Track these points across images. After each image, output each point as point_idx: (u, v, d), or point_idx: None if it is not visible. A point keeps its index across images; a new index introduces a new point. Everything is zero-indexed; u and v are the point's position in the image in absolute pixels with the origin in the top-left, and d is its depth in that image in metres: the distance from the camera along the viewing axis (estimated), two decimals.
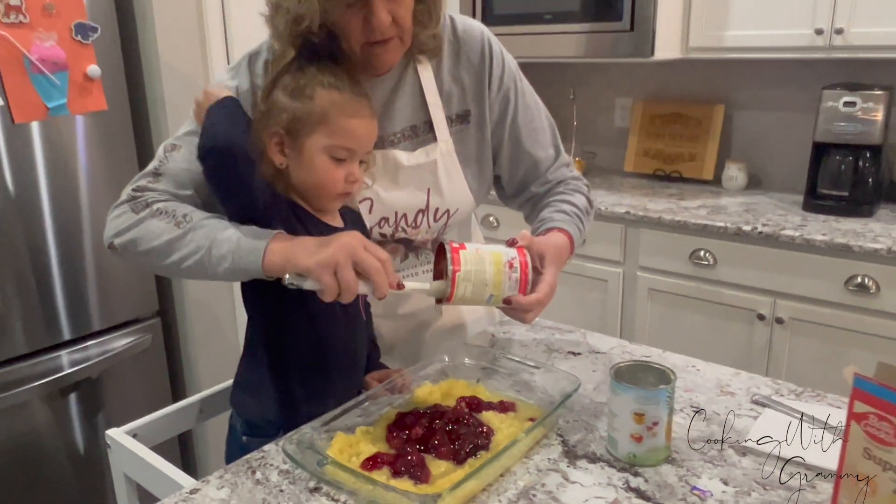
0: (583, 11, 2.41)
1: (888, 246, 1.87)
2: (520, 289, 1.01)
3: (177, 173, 1.03)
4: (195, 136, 1.01)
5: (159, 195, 1.02)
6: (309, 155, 0.98)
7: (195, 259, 0.95)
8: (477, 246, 1.01)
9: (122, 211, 1.02)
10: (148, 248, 0.98)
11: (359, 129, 0.98)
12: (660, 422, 0.91)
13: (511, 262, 1.00)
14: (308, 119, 0.96)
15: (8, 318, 1.82)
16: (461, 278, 0.97)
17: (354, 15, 0.98)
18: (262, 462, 0.95)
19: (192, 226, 0.96)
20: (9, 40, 1.68)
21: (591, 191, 1.30)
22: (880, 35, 2.05)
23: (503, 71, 1.19)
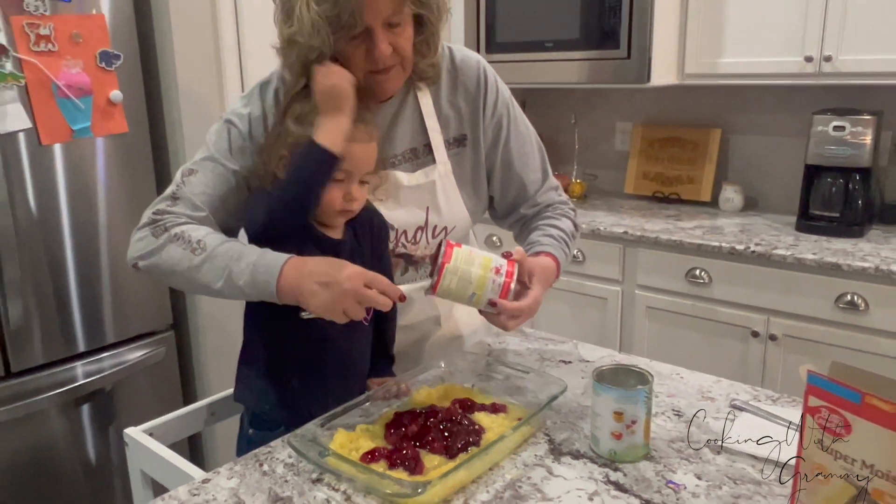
0: (582, 40, 2.51)
1: (876, 265, 1.94)
2: (501, 294, 1.07)
3: (193, 196, 1.12)
4: (210, 162, 1.12)
5: (177, 218, 1.10)
6: None
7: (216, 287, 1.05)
8: (472, 249, 1.09)
9: (143, 234, 1.11)
10: (169, 273, 1.08)
11: (355, 153, 1.06)
12: (638, 420, 0.98)
13: (498, 268, 1.08)
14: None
15: (29, 329, 1.91)
16: (448, 270, 1.05)
17: (358, 46, 1.07)
18: (268, 456, 1.02)
19: (208, 255, 1.05)
20: (39, 67, 1.80)
21: (588, 213, 1.38)
22: (867, 62, 2.13)
23: (497, 98, 1.27)
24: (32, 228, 1.88)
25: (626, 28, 2.39)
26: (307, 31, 1.03)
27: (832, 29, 2.17)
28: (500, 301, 1.07)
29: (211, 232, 1.09)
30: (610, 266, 2.46)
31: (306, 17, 1.03)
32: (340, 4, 1.01)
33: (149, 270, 1.10)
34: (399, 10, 1.06)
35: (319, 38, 1.04)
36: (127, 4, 1.98)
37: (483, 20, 2.74)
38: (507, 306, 1.07)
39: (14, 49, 1.77)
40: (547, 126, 3.14)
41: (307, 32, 1.03)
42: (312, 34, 1.03)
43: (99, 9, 1.91)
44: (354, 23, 1.03)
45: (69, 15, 1.85)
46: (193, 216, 1.11)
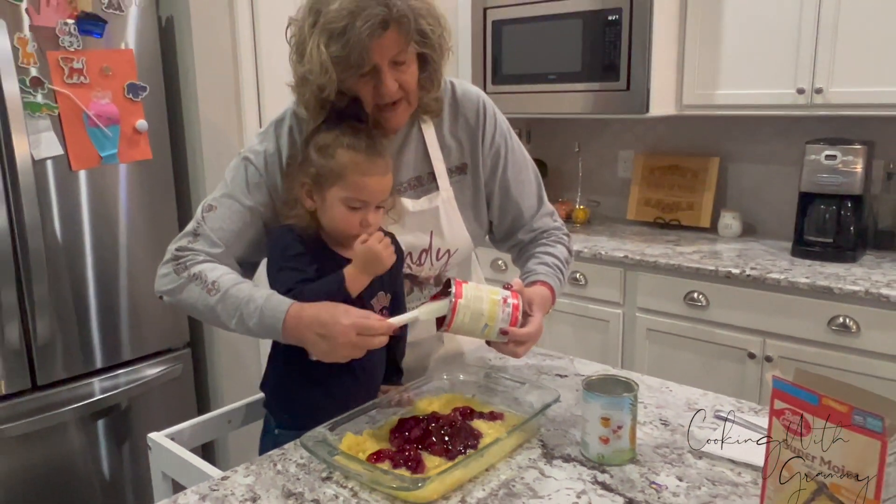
0: (584, 72, 2.62)
1: (866, 288, 2.01)
2: (510, 322, 1.15)
3: (212, 233, 1.23)
4: (228, 199, 1.25)
5: (196, 255, 1.22)
6: (330, 203, 1.17)
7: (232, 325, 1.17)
8: (477, 284, 1.18)
9: (167, 271, 1.23)
10: (190, 309, 1.21)
11: (371, 185, 1.16)
12: (624, 426, 1.05)
13: (505, 299, 1.16)
14: (330, 174, 1.15)
15: (53, 345, 2.01)
16: (461, 306, 1.13)
17: (367, 83, 1.17)
18: (282, 457, 1.11)
19: (222, 296, 1.16)
20: (71, 98, 1.92)
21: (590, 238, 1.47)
22: (857, 94, 2.23)
23: (495, 130, 1.37)
24: (58, 250, 1.99)
25: (626, 62, 2.50)
26: (318, 70, 1.13)
27: (822, 62, 2.26)
28: (511, 329, 1.15)
29: (226, 272, 1.20)
30: (611, 289, 2.54)
31: (317, 57, 1.12)
32: (350, 46, 1.11)
33: (173, 305, 1.23)
34: (404, 50, 1.16)
35: (328, 76, 1.13)
36: (153, 40, 2.11)
37: (489, 53, 2.87)
38: (518, 333, 1.15)
39: (49, 81, 1.89)
40: (551, 154, 3.25)
41: (318, 71, 1.13)
42: (322, 73, 1.13)
43: (128, 44, 2.05)
44: (363, 62, 1.13)
45: (100, 50, 1.98)
46: (211, 252, 1.22)
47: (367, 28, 1.09)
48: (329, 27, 1.11)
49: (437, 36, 1.20)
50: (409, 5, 1.13)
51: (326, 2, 1.12)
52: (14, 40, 1.83)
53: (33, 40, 1.86)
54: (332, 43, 1.11)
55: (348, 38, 1.10)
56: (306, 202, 1.18)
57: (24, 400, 1.97)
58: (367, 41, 1.10)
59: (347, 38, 1.10)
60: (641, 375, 1.40)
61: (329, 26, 1.11)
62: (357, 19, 1.09)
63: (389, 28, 1.12)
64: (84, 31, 1.95)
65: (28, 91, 1.86)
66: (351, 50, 1.11)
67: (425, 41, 1.19)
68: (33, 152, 1.88)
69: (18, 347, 1.92)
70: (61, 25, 1.90)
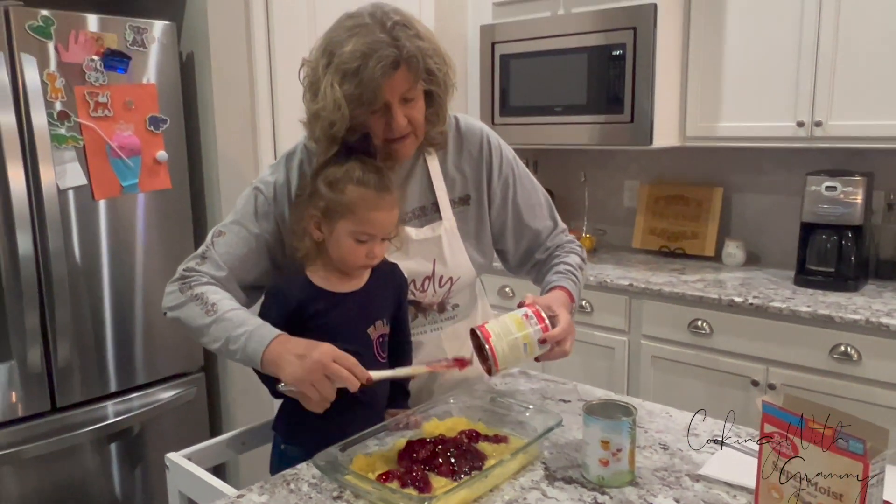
0: (589, 105, 2.70)
1: (866, 317, 2.04)
2: (543, 330, 1.21)
3: (218, 257, 1.30)
4: (236, 225, 1.32)
5: (201, 276, 1.29)
6: (337, 235, 1.23)
7: (217, 346, 1.22)
8: (494, 319, 1.24)
9: (173, 289, 1.29)
10: (188, 328, 1.27)
11: (379, 219, 1.23)
12: (623, 448, 1.10)
13: (526, 315, 1.22)
14: (339, 208, 1.22)
15: (72, 368, 2.07)
16: (495, 344, 1.19)
17: (378, 119, 1.24)
18: (295, 476, 1.16)
19: (217, 318, 1.22)
20: (96, 131, 2.01)
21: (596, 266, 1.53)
22: (856, 128, 2.28)
23: (501, 161, 1.43)
24: (79, 275, 2.06)
25: (630, 95, 2.57)
26: (331, 107, 1.20)
27: (822, 96, 2.33)
28: (547, 335, 1.20)
29: (226, 297, 1.26)
30: (617, 317, 2.58)
31: (331, 95, 1.19)
32: (363, 85, 1.18)
33: (173, 321, 1.29)
34: (413, 87, 1.24)
35: (340, 113, 1.20)
36: (174, 75, 2.21)
37: (497, 86, 2.95)
38: (555, 334, 1.21)
39: (75, 115, 1.98)
40: (558, 184, 3.32)
41: (331, 108, 1.20)
42: (335, 110, 1.20)
43: (150, 79, 2.14)
44: (375, 100, 1.20)
45: (124, 85, 2.07)
46: (215, 276, 1.29)
47: (380, 68, 1.17)
48: (343, 67, 1.18)
49: (443, 74, 1.27)
50: (418, 46, 1.21)
51: (340, 44, 1.19)
52: (43, 76, 1.92)
53: (61, 76, 1.95)
54: (346, 82, 1.18)
55: (361, 78, 1.17)
56: (314, 234, 1.25)
57: (42, 421, 2.03)
58: (380, 80, 1.18)
59: (361, 78, 1.17)
60: (642, 401, 1.45)
61: (343, 66, 1.18)
62: (370, 60, 1.17)
63: (400, 68, 1.19)
64: (109, 67, 2.04)
65: (55, 124, 1.95)
66: (364, 88, 1.18)
67: (432, 79, 1.26)
68: (59, 182, 1.96)
69: (40, 370, 1.98)
70: (88, 62, 2.00)
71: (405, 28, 1.20)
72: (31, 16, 1.90)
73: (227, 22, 2.29)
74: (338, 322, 1.24)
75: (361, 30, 1.19)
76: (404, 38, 1.19)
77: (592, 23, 2.65)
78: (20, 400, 1.98)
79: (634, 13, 2.53)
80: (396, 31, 1.19)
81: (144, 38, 2.11)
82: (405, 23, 1.21)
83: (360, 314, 1.28)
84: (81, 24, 1.99)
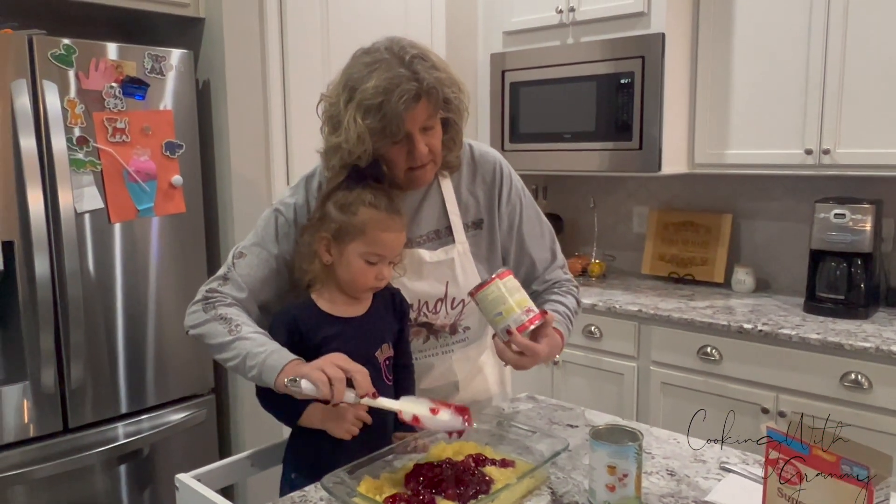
0: (598, 132, 2.73)
1: (877, 345, 2.03)
2: (518, 328, 1.23)
3: (239, 278, 1.33)
4: (257, 247, 1.35)
5: (224, 298, 1.32)
6: (348, 257, 1.26)
7: (235, 363, 1.24)
8: (519, 285, 1.27)
9: (196, 309, 1.32)
10: (208, 344, 1.29)
11: (389, 241, 1.26)
12: (629, 474, 1.10)
13: (529, 309, 1.25)
14: (351, 230, 1.25)
15: (84, 389, 2.09)
16: (496, 283, 1.25)
17: (400, 149, 1.28)
18: (303, 499, 1.17)
19: (239, 336, 1.24)
20: (114, 156, 2.06)
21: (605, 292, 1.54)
22: (864, 155, 2.29)
23: (511, 189, 1.46)
24: (93, 298, 2.09)
25: (638, 122, 2.60)
26: (354, 140, 1.23)
27: (829, 124, 2.34)
28: (514, 332, 1.23)
29: (249, 321, 1.29)
30: (626, 343, 2.58)
31: (353, 129, 1.23)
32: (386, 119, 1.22)
33: (196, 338, 1.32)
34: (433, 116, 1.27)
35: (363, 146, 1.24)
36: (191, 101, 2.26)
37: (507, 113, 2.99)
38: (519, 340, 1.23)
39: (94, 140, 2.03)
40: (567, 210, 3.34)
41: (354, 141, 1.24)
42: (359, 143, 1.24)
43: (167, 105, 2.19)
44: (398, 132, 1.24)
45: (142, 111, 2.12)
46: (237, 297, 1.32)
47: (403, 102, 1.21)
48: (366, 103, 1.22)
49: (458, 101, 1.32)
50: (436, 77, 1.24)
51: (361, 80, 1.23)
52: (64, 102, 1.97)
53: (81, 102, 2.00)
54: (369, 116, 1.22)
55: (385, 112, 1.21)
56: (324, 256, 1.27)
57: (54, 442, 2.04)
58: (403, 113, 1.21)
59: (384, 112, 1.21)
60: (650, 427, 1.45)
61: (366, 102, 1.22)
62: (392, 95, 1.20)
63: (421, 100, 1.23)
64: (127, 94, 2.09)
65: (74, 148, 1.99)
66: (387, 122, 1.22)
67: (449, 107, 1.30)
68: (76, 205, 2.00)
69: (53, 391, 2.01)
70: (107, 88, 2.05)
71: (422, 61, 1.24)
72: (54, 44, 1.96)
73: (242, 51, 2.34)
74: (346, 346, 1.26)
75: (381, 65, 1.22)
76: (423, 70, 1.22)
77: (601, 52, 2.69)
78: (32, 420, 2.00)
79: (643, 42, 2.57)
80: (415, 64, 1.23)
81: (162, 65, 2.16)
82: (422, 55, 1.25)
83: (366, 338, 1.30)
84: (102, 52, 2.05)
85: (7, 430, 1.95)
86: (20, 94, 1.89)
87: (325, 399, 1.12)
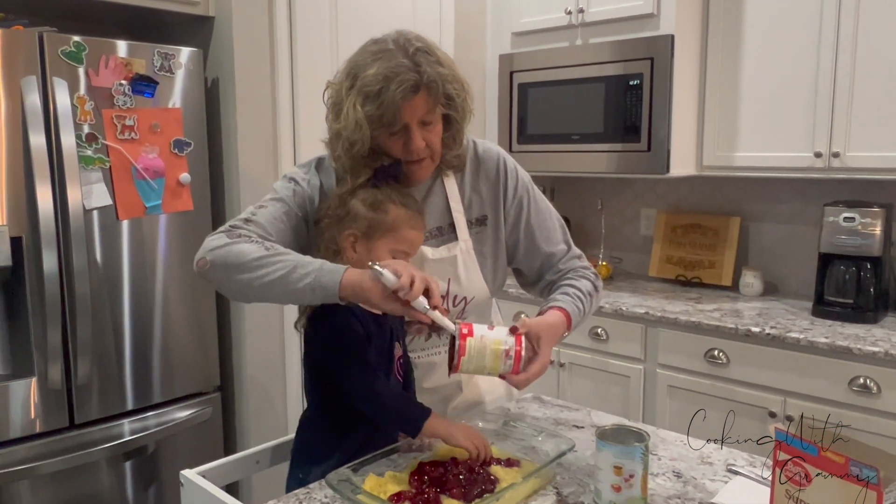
0: (606, 133, 2.72)
1: (886, 349, 2.02)
2: (513, 370, 1.19)
3: (265, 223, 1.28)
4: (278, 202, 1.32)
5: (251, 232, 1.25)
6: (376, 254, 1.26)
7: (279, 275, 1.15)
8: (483, 332, 1.18)
9: (218, 235, 1.25)
10: (237, 263, 1.18)
11: (416, 239, 1.28)
12: (635, 474, 1.09)
13: (507, 352, 1.18)
14: (381, 227, 1.25)
15: (91, 385, 2.10)
16: (465, 362, 1.17)
17: (396, 140, 1.28)
18: (307, 495, 1.16)
19: (279, 251, 1.19)
20: (122, 153, 2.06)
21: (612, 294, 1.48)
22: (874, 159, 2.28)
23: (516, 183, 1.45)
24: (100, 294, 2.10)
25: (647, 124, 2.59)
26: (352, 126, 1.24)
27: (839, 127, 2.33)
28: (508, 376, 1.20)
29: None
30: (632, 345, 2.57)
31: (352, 115, 1.24)
32: (384, 106, 1.22)
33: (213, 261, 1.20)
34: (432, 111, 1.27)
35: (362, 133, 1.24)
36: (199, 99, 2.26)
37: (515, 114, 2.99)
38: (515, 381, 1.20)
39: (103, 137, 2.04)
40: (575, 211, 3.33)
41: (352, 128, 1.24)
42: (356, 130, 1.24)
43: (175, 103, 2.19)
44: (395, 121, 1.24)
45: (151, 109, 2.13)
46: (265, 237, 1.25)
47: (401, 91, 1.21)
48: (365, 89, 1.23)
49: (461, 100, 1.31)
50: (438, 72, 1.24)
51: (363, 67, 1.24)
52: (73, 99, 1.98)
53: (91, 99, 2.01)
54: (368, 103, 1.23)
55: (383, 100, 1.22)
56: (350, 253, 1.27)
57: (60, 438, 2.05)
58: (400, 102, 1.22)
59: (382, 100, 1.22)
60: (656, 428, 1.44)
61: (365, 89, 1.23)
62: (391, 83, 1.21)
63: (420, 91, 1.23)
64: (137, 92, 2.10)
65: (83, 145, 2.00)
66: (385, 110, 1.22)
67: (451, 104, 1.30)
68: (85, 202, 2.01)
69: (60, 387, 2.01)
70: (116, 86, 2.05)
71: (426, 54, 1.24)
72: (64, 41, 1.96)
73: (252, 50, 2.35)
74: (378, 342, 1.27)
75: (385, 55, 1.23)
76: (425, 63, 1.23)
77: (610, 53, 2.68)
78: (39, 416, 2.00)
79: (652, 44, 2.57)
80: (418, 56, 1.23)
81: (172, 64, 2.17)
82: (427, 49, 1.25)
83: (389, 335, 1.31)
84: (111, 49, 2.05)
85: (14, 425, 1.96)
86: (30, 91, 1.90)
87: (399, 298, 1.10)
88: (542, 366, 1.22)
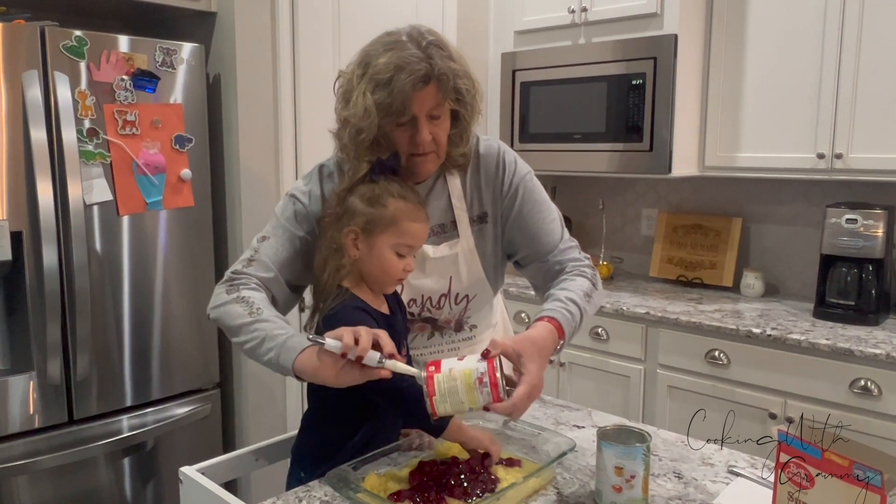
0: (608, 133, 2.71)
1: (887, 351, 2.01)
2: (493, 398, 1.08)
3: (266, 259, 1.32)
4: (279, 229, 1.34)
5: (249, 279, 1.30)
6: (378, 250, 1.24)
7: (251, 346, 1.21)
8: (452, 366, 1.10)
9: (221, 290, 1.31)
10: (227, 326, 1.27)
11: (419, 232, 1.26)
12: (636, 475, 1.09)
13: (480, 378, 1.07)
14: (380, 222, 1.23)
15: (89, 382, 2.09)
16: (438, 402, 1.08)
17: (404, 132, 1.27)
18: (307, 493, 1.16)
19: (259, 318, 1.23)
20: (123, 148, 2.06)
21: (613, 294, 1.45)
22: (876, 160, 2.27)
23: (514, 174, 1.43)
24: (100, 289, 2.09)
25: (649, 124, 2.59)
26: (361, 113, 1.23)
27: (842, 129, 2.32)
28: (492, 406, 1.09)
29: (270, 306, 1.27)
30: (633, 345, 2.57)
31: (362, 102, 1.23)
32: (393, 95, 1.22)
33: (216, 319, 1.29)
34: (441, 104, 1.27)
35: (369, 121, 1.23)
36: (201, 95, 2.25)
37: (517, 113, 2.98)
38: (499, 409, 1.09)
39: (104, 132, 2.03)
40: (576, 211, 3.32)
41: (360, 115, 1.24)
42: (365, 117, 1.23)
43: (177, 98, 2.19)
44: (403, 111, 1.23)
45: (152, 104, 2.12)
46: (263, 277, 1.31)
47: (411, 81, 1.21)
48: (376, 77, 1.23)
49: (470, 97, 1.31)
50: (449, 66, 1.25)
51: (375, 55, 1.25)
52: (75, 94, 1.97)
53: (92, 94, 2.00)
54: (378, 91, 1.23)
55: (392, 88, 1.21)
56: (352, 251, 1.25)
57: (59, 433, 2.04)
58: (410, 92, 1.21)
59: (392, 88, 1.21)
60: (657, 429, 1.44)
61: (376, 76, 1.23)
62: (402, 72, 1.21)
63: (430, 83, 1.23)
64: (138, 87, 2.09)
65: (84, 140, 2.00)
66: (394, 98, 1.22)
67: (460, 99, 1.29)
68: (85, 197, 2.00)
69: (59, 382, 2.01)
70: (118, 81, 2.05)
71: (439, 48, 1.24)
72: (66, 36, 1.96)
73: (253, 46, 2.34)
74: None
75: (397, 45, 1.23)
76: (437, 56, 1.23)
77: (613, 52, 2.68)
78: (38, 411, 2.00)
79: (655, 43, 2.56)
80: (430, 49, 1.23)
81: (173, 59, 2.16)
82: (439, 44, 1.26)
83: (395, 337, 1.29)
84: (113, 44, 2.05)
85: (12, 420, 1.95)
86: (31, 85, 1.89)
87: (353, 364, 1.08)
88: (529, 387, 1.11)
